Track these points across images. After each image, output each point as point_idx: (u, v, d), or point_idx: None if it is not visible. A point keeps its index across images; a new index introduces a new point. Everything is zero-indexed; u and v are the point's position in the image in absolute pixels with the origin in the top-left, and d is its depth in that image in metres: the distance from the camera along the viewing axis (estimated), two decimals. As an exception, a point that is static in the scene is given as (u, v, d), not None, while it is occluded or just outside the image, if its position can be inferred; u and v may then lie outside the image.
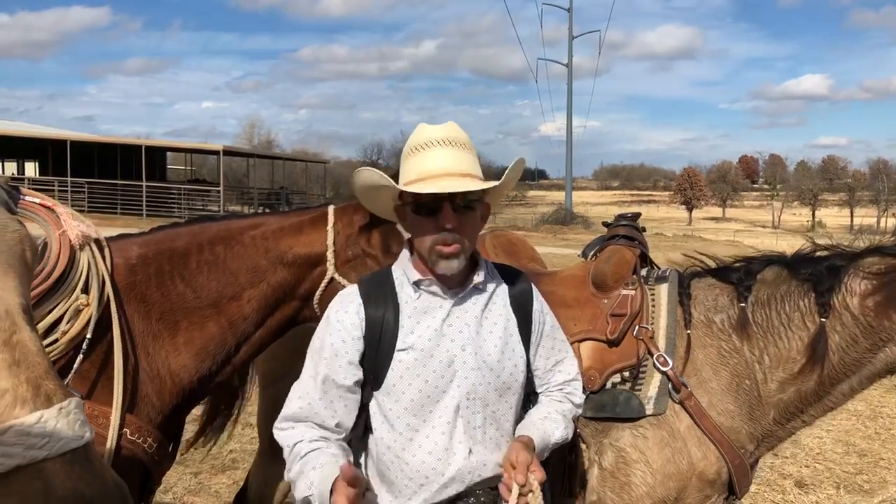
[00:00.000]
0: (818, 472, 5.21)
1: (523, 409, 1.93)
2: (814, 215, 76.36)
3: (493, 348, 1.80)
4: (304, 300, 2.38)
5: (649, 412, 2.32)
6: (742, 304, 2.37)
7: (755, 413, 2.33)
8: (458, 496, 1.76)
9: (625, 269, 2.57)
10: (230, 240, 2.33)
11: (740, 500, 2.44)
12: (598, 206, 76.52)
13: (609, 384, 2.40)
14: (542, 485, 1.64)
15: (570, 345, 2.05)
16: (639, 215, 2.84)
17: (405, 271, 1.83)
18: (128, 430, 2.07)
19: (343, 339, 1.77)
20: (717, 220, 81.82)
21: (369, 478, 1.80)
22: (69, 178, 31.75)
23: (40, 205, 2.13)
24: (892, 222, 55.12)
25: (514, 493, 1.60)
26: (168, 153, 47.56)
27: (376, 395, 1.78)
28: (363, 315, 1.78)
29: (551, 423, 1.86)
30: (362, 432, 1.82)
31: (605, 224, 2.87)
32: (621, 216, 2.81)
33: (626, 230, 2.71)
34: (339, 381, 1.76)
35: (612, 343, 2.43)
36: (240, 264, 2.30)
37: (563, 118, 53.96)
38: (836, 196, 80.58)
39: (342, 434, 1.79)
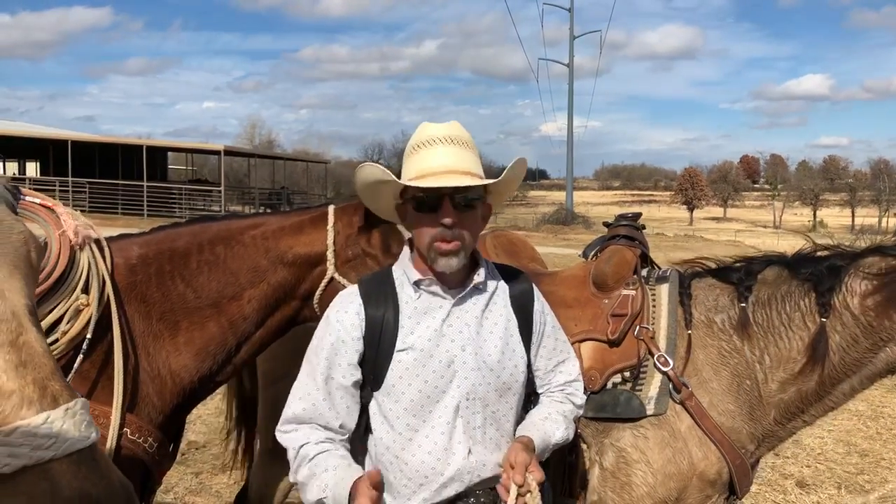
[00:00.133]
0: (819, 472, 5.21)
1: (524, 410, 1.93)
2: (815, 215, 76.29)
3: (493, 348, 1.80)
4: (304, 300, 2.38)
5: (650, 412, 2.32)
6: (743, 304, 2.37)
7: (756, 413, 2.32)
8: (458, 496, 1.75)
9: (625, 269, 2.57)
10: (230, 240, 2.33)
11: (741, 500, 2.44)
12: (599, 206, 76.46)
13: (610, 384, 2.40)
14: (540, 485, 1.64)
15: (571, 345, 2.05)
16: (639, 215, 2.84)
17: (405, 271, 1.83)
18: (128, 430, 2.07)
19: (343, 339, 1.77)
20: (718, 220, 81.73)
21: None
22: (70, 179, 31.78)
23: (40, 205, 2.14)
24: (893, 222, 55.11)
25: (513, 494, 1.60)
26: (169, 153, 47.62)
27: (376, 395, 1.78)
28: (363, 315, 1.77)
29: (552, 423, 1.86)
30: (362, 432, 1.82)
31: (606, 224, 2.86)
32: (622, 216, 2.80)
33: (627, 230, 2.71)
34: (340, 381, 1.76)
35: (613, 343, 2.43)
36: (240, 264, 2.30)
37: (564, 118, 53.97)
38: (837, 196, 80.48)
39: (346, 435, 1.79)
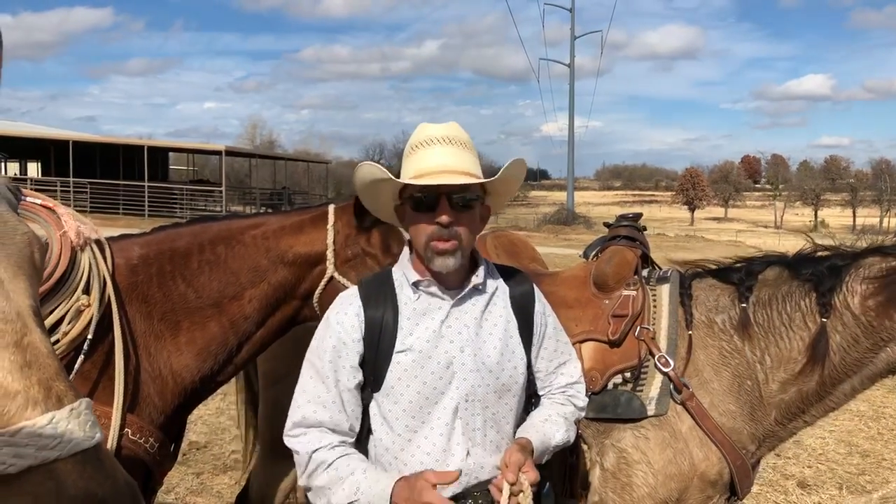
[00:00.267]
0: (821, 472, 5.20)
1: (525, 412, 1.92)
2: (816, 215, 76.17)
3: (492, 350, 1.79)
4: (305, 299, 2.39)
5: (651, 413, 2.32)
6: (743, 305, 2.37)
7: (757, 413, 2.32)
8: (456, 498, 1.74)
9: (626, 269, 2.57)
10: (231, 239, 2.34)
11: (742, 500, 2.44)
12: (600, 206, 76.39)
13: (610, 385, 2.40)
14: (534, 485, 1.63)
15: (572, 346, 2.05)
16: (640, 215, 2.84)
17: (405, 272, 1.82)
18: (129, 430, 2.07)
19: (344, 340, 1.77)
20: (719, 220, 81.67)
21: None
22: (71, 179, 31.81)
23: (41, 205, 2.14)
24: (894, 222, 55.07)
25: (505, 493, 1.59)
26: (170, 153, 47.62)
27: (376, 396, 1.78)
28: (363, 317, 1.77)
29: (552, 425, 1.85)
30: (364, 434, 1.82)
31: (607, 224, 2.86)
32: (623, 216, 2.81)
33: (628, 230, 2.71)
34: (343, 383, 1.75)
35: (614, 344, 2.43)
36: (241, 264, 2.31)
37: (565, 118, 53.86)
38: (838, 196, 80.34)
39: (354, 437, 1.78)
